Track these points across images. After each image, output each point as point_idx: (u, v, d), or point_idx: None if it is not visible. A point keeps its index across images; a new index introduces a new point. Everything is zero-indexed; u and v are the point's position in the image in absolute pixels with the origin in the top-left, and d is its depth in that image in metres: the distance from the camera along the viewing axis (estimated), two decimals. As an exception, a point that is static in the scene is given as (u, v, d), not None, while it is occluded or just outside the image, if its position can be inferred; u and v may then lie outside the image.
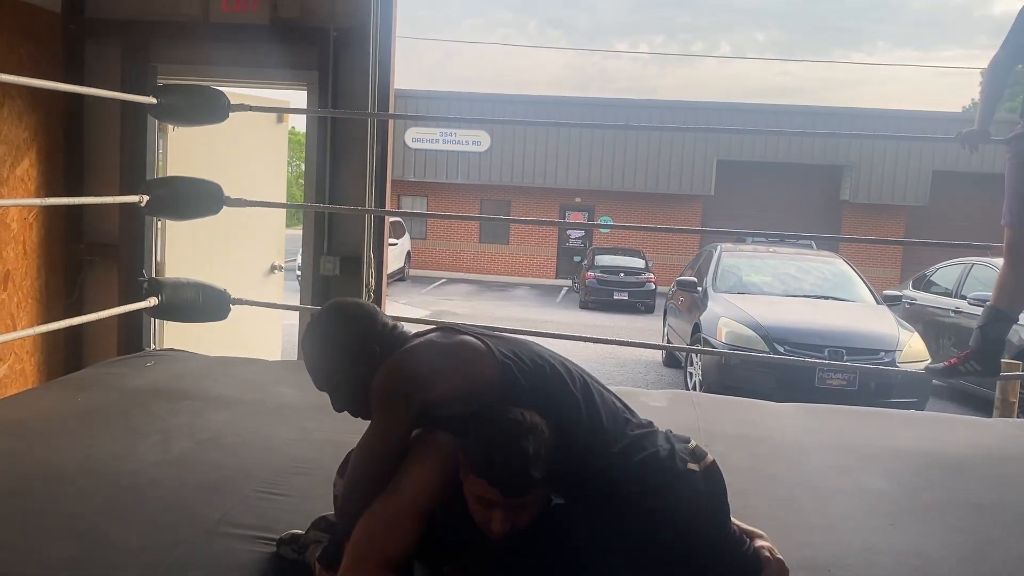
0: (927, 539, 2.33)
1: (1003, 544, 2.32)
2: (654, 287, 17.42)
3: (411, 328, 1.99)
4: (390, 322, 1.90)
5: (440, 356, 1.76)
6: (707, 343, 7.38)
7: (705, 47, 78.82)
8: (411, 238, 22.25)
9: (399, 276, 20.21)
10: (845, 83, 68.68)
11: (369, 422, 1.79)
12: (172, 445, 2.80)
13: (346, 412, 1.95)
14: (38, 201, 4.53)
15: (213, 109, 4.19)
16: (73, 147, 4.78)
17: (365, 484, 1.71)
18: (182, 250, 4.88)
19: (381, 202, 4.75)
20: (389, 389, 1.73)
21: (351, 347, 1.83)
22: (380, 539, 1.65)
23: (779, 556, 1.84)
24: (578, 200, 22.69)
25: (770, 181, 21.54)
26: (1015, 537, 2.38)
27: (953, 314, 8.30)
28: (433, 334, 1.85)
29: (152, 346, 4.66)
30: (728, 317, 7.41)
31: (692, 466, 1.77)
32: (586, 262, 18.97)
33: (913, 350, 6.87)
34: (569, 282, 21.48)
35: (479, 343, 1.78)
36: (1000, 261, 3.43)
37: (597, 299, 17.36)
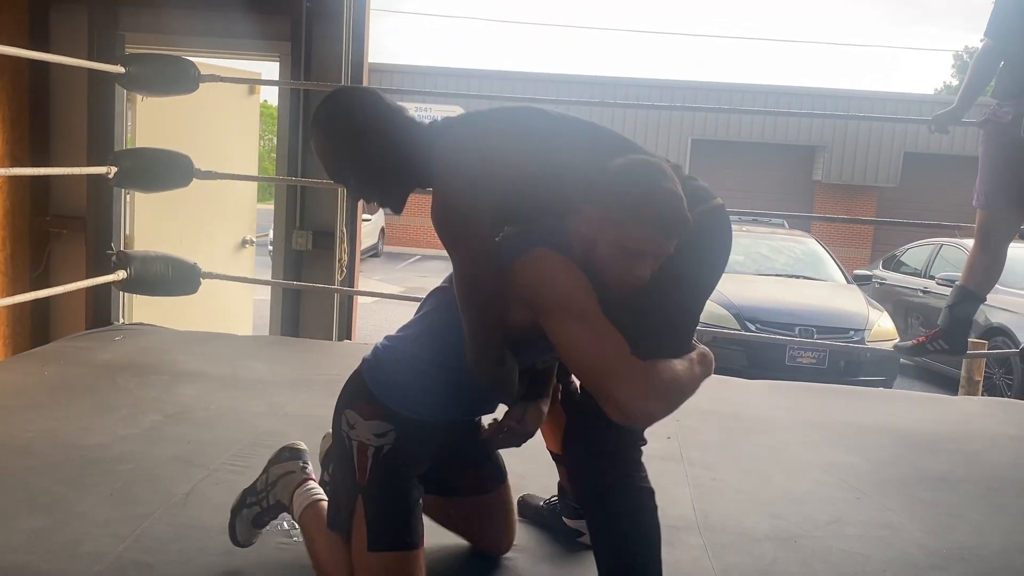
0: (893, 512, 2.37)
1: (966, 517, 2.37)
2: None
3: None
4: (397, 104, 1.76)
5: (479, 158, 1.64)
6: (680, 321, 7.41)
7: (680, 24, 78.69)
8: (385, 214, 21.99)
9: (373, 252, 20.07)
10: (822, 61, 69.02)
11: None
12: (141, 419, 2.77)
13: (317, 389, 1.93)
14: (3, 171, 4.43)
15: (183, 79, 4.11)
16: (39, 116, 4.68)
17: (483, 313, 1.60)
18: (151, 223, 4.81)
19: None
20: (452, 214, 1.62)
21: (360, 127, 1.69)
22: (615, 350, 1.54)
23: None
24: (553, 178, 22.63)
25: (744, 160, 21.58)
26: (978, 510, 2.43)
27: (922, 294, 8.41)
28: (457, 131, 1.71)
29: (121, 320, 4.60)
30: (701, 295, 7.45)
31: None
32: (560, 240, 18.88)
33: (882, 329, 6.94)
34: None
35: (506, 127, 1.73)
36: (969, 242, 3.48)
37: (571, 277, 17.29)
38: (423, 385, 1.71)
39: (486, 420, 1.88)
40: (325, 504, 1.82)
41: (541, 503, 2.15)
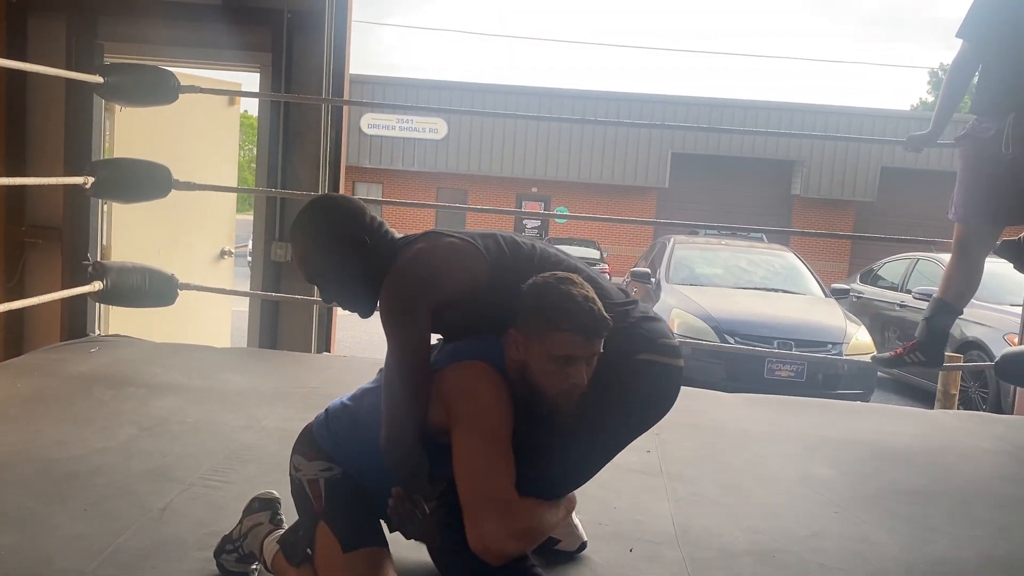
0: (870, 526, 2.38)
1: (943, 531, 2.39)
2: (608, 278, 17.48)
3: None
4: (376, 216, 1.90)
5: (437, 261, 1.77)
6: (660, 334, 7.43)
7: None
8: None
9: (353, 264, 20.01)
10: (800, 77, 69.75)
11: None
12: (117, 432, 2.74)
13: (295, 402, 1.92)
14: (-22, 180, 4.38)
15: (162, 90, 4.08)
16: (15, 126, 4.63)
17: (407, 397, 1.68)
18: (129, 234, 4.77)
19: (335, 188, 4.69)
20: (399, 299, 1.73)
21: (341, 237, 1.82)
22: (495, 482, 1.61)
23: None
24: (534, 190, 22.70)
25: (723, 174, 21.78)
26: (954, 524, 2.44)
27: (899, 308, 8.48)
28: (421, 243, 1.83)
29: (97, 332, 4.55)
30: (680, 308, 7.47)
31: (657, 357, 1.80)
32: (541, 252, 18.93)
33: (860, 342, 6.99)
34: (524, 272, 21.43)
35: (465, 242, 1.80)
36: (945, 257, 3.51)
37: (552, 289, 17.31)
38: (367, 458, 1.78)
39: None
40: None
41: None
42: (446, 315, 1.76)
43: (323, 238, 1.83)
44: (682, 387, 1.90)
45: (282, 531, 1.89)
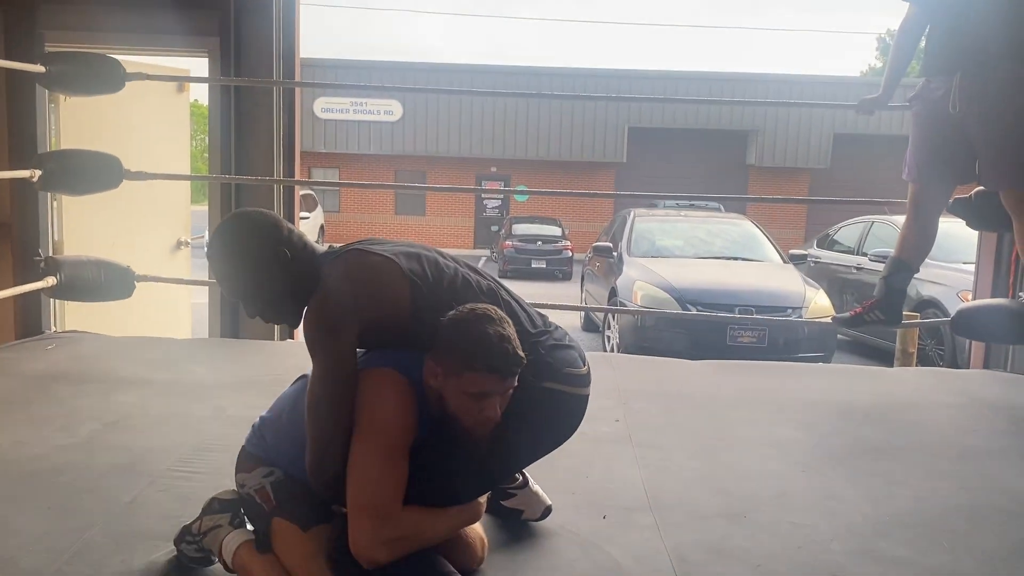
0: (837, 483, 2.43)
1: (906, 484, 2.44)
2: (571, 254, 17.55)
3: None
4: (294, 228, 1.86)
5: (360, 282, 1.75)
6: (623, 307, 7.49)
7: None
8: (324, 211, 21.70)
9: (313, 251, 19.76)
10: (751, 47, 70.20)
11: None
12: (78, 428, 2.69)
13: (261, 389, 1.90)
14: (-81, 179, 4.24)
15: (108, 78, 3.98)
16: (-46, 120, 4.49)
17: (333, 421, 1.69)
18: (81, 227, 4.65)
19: (290, 173, 4.62)
20: (323, 322, 1.72)
21: (259, 253, 1.78)
22: (376, 491, 1.65)
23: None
24: (493, 169, 22.64)
25: (679, 147, 21.92)
26: (917, 477, 2.50)
27: (855, 271, 8.63)
28: (344, 260, 1.79)
29: (52, 328, 4.45)
30: (643, 280, 7.53)
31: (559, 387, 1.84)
32: (503, 231, 18.96)
33: (818, 306, 7.10)
34: (487, 252, 21.46)
35: (388, 261, 1.78)
36: (899, 219, 3.56)
37: (515, 268, 17.37)
38: (300, 455, 1.78)
39: None
40: (252, 539, 1.84)
41: None
42: (366, 336, 1.75)
43: (241, 256, 1.79)
44: (648, 357, 1.92)
45: (241, 532, 1.86)
